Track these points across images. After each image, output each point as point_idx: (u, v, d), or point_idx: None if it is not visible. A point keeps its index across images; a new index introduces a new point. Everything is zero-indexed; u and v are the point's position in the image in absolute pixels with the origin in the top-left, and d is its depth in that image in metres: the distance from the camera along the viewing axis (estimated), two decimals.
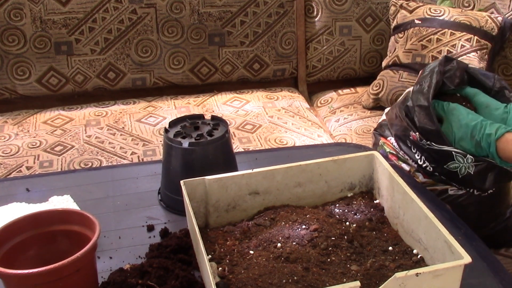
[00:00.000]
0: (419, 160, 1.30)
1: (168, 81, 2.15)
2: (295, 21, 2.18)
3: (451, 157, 1.22)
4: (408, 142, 1.31)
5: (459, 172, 1.23)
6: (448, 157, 1.22)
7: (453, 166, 1.22)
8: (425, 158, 1.28)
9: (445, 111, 1.19)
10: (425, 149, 1.26)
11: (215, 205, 0.95)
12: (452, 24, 1.89)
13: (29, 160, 1.68)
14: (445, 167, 1.24)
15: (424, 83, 1.27)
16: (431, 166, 1.27)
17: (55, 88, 2.05)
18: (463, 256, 0.72)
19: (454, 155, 1.21)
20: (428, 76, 1.27)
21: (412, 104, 1.27)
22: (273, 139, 1.82)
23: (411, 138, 1.29)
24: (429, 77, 1.26)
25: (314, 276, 0.80)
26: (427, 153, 1.26)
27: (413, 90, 1.29)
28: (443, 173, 1.26)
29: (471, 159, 1.20)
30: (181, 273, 0.86)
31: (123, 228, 1.04)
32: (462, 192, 1.32)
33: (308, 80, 2.27)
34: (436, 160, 1.25)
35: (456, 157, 1.21)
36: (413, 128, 1.27)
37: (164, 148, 1.09)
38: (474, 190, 1.29)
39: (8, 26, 1.95)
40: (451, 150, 1.21)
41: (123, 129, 1.87)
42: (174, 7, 2.05)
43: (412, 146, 1.30)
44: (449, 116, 1.15)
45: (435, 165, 1.26)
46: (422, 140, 1.25)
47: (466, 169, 1.21)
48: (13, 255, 0.83)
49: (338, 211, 0.97)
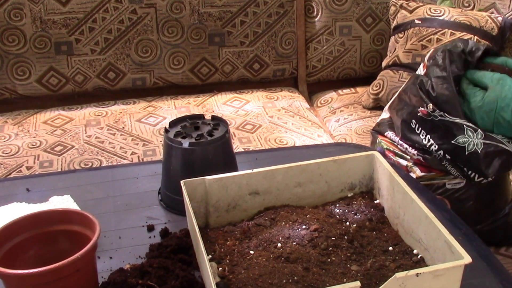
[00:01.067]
0: (423, 140, 1.30)
1: (168, 81, 2.15)
2: (295, 21, 2.18)
3: (462, 131, 1.23)
4: (413, 123, 1.32)
5: (466, 148, 1.23)
6: (458, 131, 1.23)
7: (462, 140, 1.23)
8: (431, 137, 1.28)
9: (491, 80, 1.21)
10: (434, 124, 1.27)
11: (215, 205, 0.95)
12: (452, 24, 1.89)
13: (29, 160, 1.68)
14: (453, 142, 1.25)
15: (438, 57, 1.30)
16: (436, 143, 1.28)
17: (55, 88, 2.05)
18: (463, 256, 0.72)
19: (465, 128, 1.22)
20: (440, 50, 1.31)
21: (427, 78, 1.29)
22: (273, 139, 1.82)
23: (419, 115, 1.29)
24: (441, 52, 1.30)
25: (314, 276, 0.80)
26: (435, 128, 1.27)
27: (428, 65, 1.33)
28: (449, 149, 1.26)
29: (481, 134, 1.21)
30: (181, 273, 0.86)
31: (123, 228, 1.04)
32: (460, 186, 1.32)
33: (308, 80, 2.27)
34: (445, 134, 1.26)
35: (467, 131, 1.23)
36: (426, 99, 1.29)
37: (164, 148, 1.09)
38: (475, 175, 1.29)
39: (8, 26, 1.95)
40: (463, 122, 1.23)
41: (123, 129, 1.87)
42: (174, 7, 2.05)
43: (417, 126, 1.31)
44: (495, 86, 1.18)
45: (442, 141, 1.27)
46: (434, 111, 1.26)
47: (474, 146, 1.22)
48: (13, 255, 0.82)
49: (338, 211, 0.97)
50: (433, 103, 1.27)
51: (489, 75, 1.21)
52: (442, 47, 1.37)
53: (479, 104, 1.19)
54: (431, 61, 1.35)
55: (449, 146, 1.25)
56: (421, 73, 1.38)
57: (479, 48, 1.34)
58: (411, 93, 1.35)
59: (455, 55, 1.33)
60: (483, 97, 1.20)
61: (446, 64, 1.29)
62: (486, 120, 1.21)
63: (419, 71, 1.40)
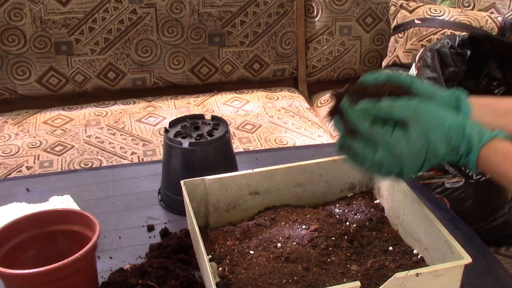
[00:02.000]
0: None
1: (168, 81, 2.14)
2: (295, 21, 2.18)
3: None
4: None
5: None
6: None
7: None
8: None
9: (403, 114, 0.73)
10: None
11: (215, 205, 0.95)
12: (452, 24, 1.89)
13: (29, 160, 1.68)
14: None
15: (427, 58, 1.29)
16: None
17: (55, 88, 2.05)
18: (463, 256, 0.72)
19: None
20: (427, 50, 1.30)
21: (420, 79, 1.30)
22: (273, 139, 1.82)
23: None
24: (429, 51, 1.29)
25: (314, 276, 0.80)
26: None
27: (419, 66, 1.31)
28: None
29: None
30: (181, 273, 0.86)
31: (123, 228, 1.04)
32: (459, 185, 1.32)
33: (308, 80, 2.27)
34: None
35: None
36: None
37: (164, 148, 1.09)
38: (473, 173, 1.29)
39: (8, 26, 1.95)
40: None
41: (123, 129, 1.87)
42: (174, 7, 2.05)
43: None
44: (413, 120, 0.72)
45: None
46: None
47: None
48: (13, 255, 0.82)
49: (338, 211, 0.97)
50: None
51: (398, 106, 0.73)
52: (429, 47, 1.37)
53: (407, 147, 0.72)
54: (421, 62, 1.34)
55: None
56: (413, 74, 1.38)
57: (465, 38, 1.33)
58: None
59: (443, 53, 1.32)
60: (407, 137, 0.73)
61: (435, 64, 1.29)
62: (416, 163, 0.76)
63: (411, 72, 1.40)
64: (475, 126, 0.72)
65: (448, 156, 0.74)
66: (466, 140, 0.71)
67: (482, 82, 1.43)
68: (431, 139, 0.71)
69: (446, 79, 1.32)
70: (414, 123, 0.71)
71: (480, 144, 0.71)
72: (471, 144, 0.71)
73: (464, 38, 1.35)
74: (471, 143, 0.71)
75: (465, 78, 1.39)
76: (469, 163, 0.74)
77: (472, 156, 0.73)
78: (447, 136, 0.71)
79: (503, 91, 1.40)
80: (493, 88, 1.41)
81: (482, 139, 0.71)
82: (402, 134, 0.71)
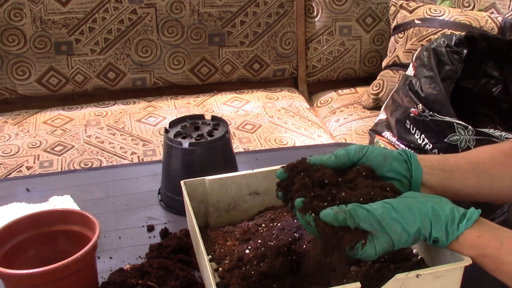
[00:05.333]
0: (418, 139, 1.30)
1: (168, 81, 2.14)
2: (295, 21, 2.18)
3: (452, 129, 1.23)
4: (407, 123, 1.32)
5: (459, 145, 1.24)
6: (449, 129, 1.24)
7: (454, 138, 1.23)
8: (425, 136, 1.29)
9: (367, 226, 0.69)
10: (426, 124, 1.27)
11: (215, 205, 0.95)
12: (452, 24, 1.89)
13: (29, 160, 1.68)
14: (445, 140, 1.25)
15: (423, 57, 1.29)
16: (431, 142, 1.28)
17: (55, 88, 2.05)
18: (463, 257, 0.72)
19: (456, 126, 1.22)
20: (424, 50, 1.31)
21: (416, 78, 1.29)
22: (273, 139, 1.82)
23: (411, 115, 1.29)
24: (425, 51, 1.29)
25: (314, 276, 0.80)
26: (428, 127, 1.27)
27: (416, 65, 1.31)
28: (443, 148, 1.26)
29: (472, 131, 1.21)
30: (181, 273, 0.86)
31: (123, 228, 1.04)
32: None
33: (308, 80, 2.27)
34: (437, 133, 1.26)
35: (457, 129, 1.22)
36: (416, 100, 1.28)
37: (164, 148, 1.09)
38: None
39: (8, 26, 1.95)
40: (453, 121, 1.22)
41: (123, 129, 1.87)
42: (174, 7, 2.05)
43: (412, 126, 1.31)
44: (379, 231, 0.69)
45: (435, 140, 1.27)
46: (424, 111, 1.26)
47: (467, 143, 1.22)
48: (13, 255, 0.82)
49: None
50: (422, 104, 1.28)
51: (362, 219, 0.68)
52: (426, 46, 1.37)
53: (372, 251, 0.70)
54: (418, 61, 1.34)
55: (442, 144, 1.26)
56: (411, 74, 1.38)
57: (461, 37, 1.34)
58: (403, 94, 1.36)
59: (440, 52, 1.33)
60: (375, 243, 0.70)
61: (432, 63, 1.29)
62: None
63: (409, 72, 1.41)
64: (441, 225, 0.70)
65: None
66: (432, 240, 0.71)
67: (480, 81, 1.43)
68: (396, 243, 0.70)
69: (443, 78, 1.32)
70: (380, 233, 0.69)
71: (446, 243, 0.71)
72: (438, 244, 0.72)
73: (461, 37, 1.35)
74: (438, 243, 0.72)
75: (463, 77, 1.39)
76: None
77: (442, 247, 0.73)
78: (414, 238, 0.71)
79: (501, 89, 1.40)
80: (491, 86, 1.42)
81: (449, 239, 0.71)
82: (369, 242, 0.69)
